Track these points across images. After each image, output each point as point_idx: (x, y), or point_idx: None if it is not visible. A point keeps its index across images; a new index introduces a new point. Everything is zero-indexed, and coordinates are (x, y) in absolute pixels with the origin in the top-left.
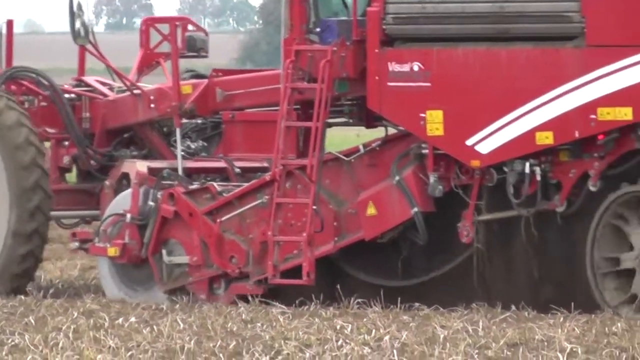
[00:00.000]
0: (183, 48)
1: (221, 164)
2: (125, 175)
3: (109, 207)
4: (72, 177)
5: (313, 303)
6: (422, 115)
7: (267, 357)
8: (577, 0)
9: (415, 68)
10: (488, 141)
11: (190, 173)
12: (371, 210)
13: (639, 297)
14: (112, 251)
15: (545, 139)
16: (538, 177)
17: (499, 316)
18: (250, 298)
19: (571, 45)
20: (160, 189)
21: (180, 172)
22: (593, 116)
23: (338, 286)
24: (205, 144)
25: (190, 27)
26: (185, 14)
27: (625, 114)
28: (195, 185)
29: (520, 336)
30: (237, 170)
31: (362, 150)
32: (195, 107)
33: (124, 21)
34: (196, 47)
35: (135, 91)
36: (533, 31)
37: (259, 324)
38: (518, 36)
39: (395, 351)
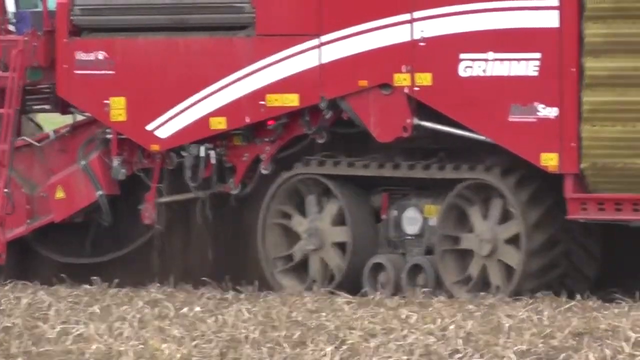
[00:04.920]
0: None
1: None
2: None
3: None
4: None
5: (378, 293)
6: (106, 101)
7: (332, 347)
8: None
9: (100, 57)
10: (166, 126)
11: None
12: (60, 194)
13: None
14: None
15: (219, 124)
16: (213, 161)
17: (564, 305)
18: (314, 288)
19: (243, 35)
20: None
21: None
22: (263, 102)
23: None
24: None
25: None
26: None
27: (292, 100)
28: None
29: (585, 325)
30: None
31: (52, 136)
32: None
33: None
34: None
35: None
36: (208, 21)
37: (323, 314)
38: (195, 26)
39: (460, 340)
